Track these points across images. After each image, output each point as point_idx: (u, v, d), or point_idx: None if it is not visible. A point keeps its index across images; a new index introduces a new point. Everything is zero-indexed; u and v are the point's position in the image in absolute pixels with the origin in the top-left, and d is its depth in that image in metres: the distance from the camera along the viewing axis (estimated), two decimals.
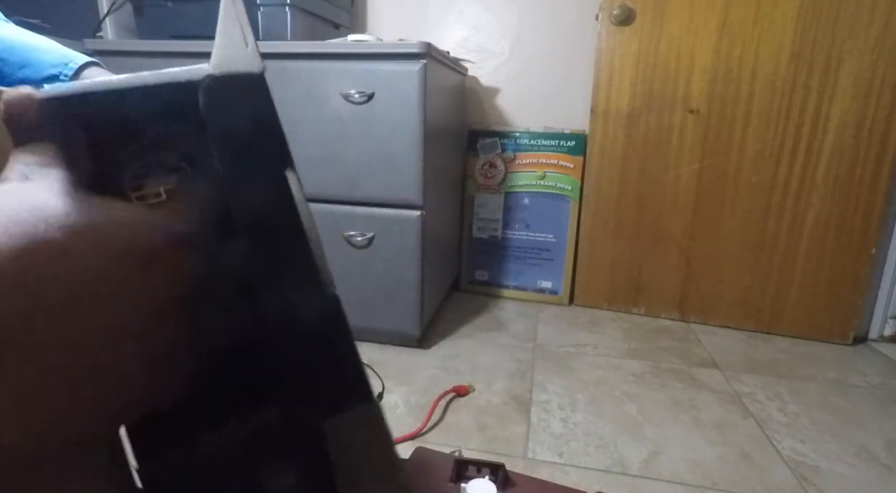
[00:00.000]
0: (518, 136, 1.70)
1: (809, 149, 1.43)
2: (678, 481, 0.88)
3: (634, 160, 1.57)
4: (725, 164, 1.50)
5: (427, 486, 0.58)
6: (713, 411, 1.11)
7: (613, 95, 1.55)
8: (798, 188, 1.46)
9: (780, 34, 1.40)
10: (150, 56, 1.26)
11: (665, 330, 1.55)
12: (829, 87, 1.39)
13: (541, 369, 1.26)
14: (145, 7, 1.37)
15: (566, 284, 1.71)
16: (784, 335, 1.53)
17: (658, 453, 0.95)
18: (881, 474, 0.92)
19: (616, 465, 0.92)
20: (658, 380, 1.23)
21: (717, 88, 1.47)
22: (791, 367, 1.34)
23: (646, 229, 1.60)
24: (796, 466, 0.93)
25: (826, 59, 1.38)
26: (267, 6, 1.29)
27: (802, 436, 1.03)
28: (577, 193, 1.66)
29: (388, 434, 0.21)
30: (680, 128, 1.52)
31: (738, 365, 1.33)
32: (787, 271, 1.50)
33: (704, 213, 1.54)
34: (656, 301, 1.63)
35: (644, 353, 1.38)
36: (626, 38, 1.51)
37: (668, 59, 1.49)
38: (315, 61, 1.18)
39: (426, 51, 1.13)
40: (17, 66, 0.50)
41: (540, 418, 1.05)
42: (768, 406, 1.13)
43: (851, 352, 1.45)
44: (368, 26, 1.75)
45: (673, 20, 1.46)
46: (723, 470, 0.91)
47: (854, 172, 1.41)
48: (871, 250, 1.43)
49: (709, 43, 1.45)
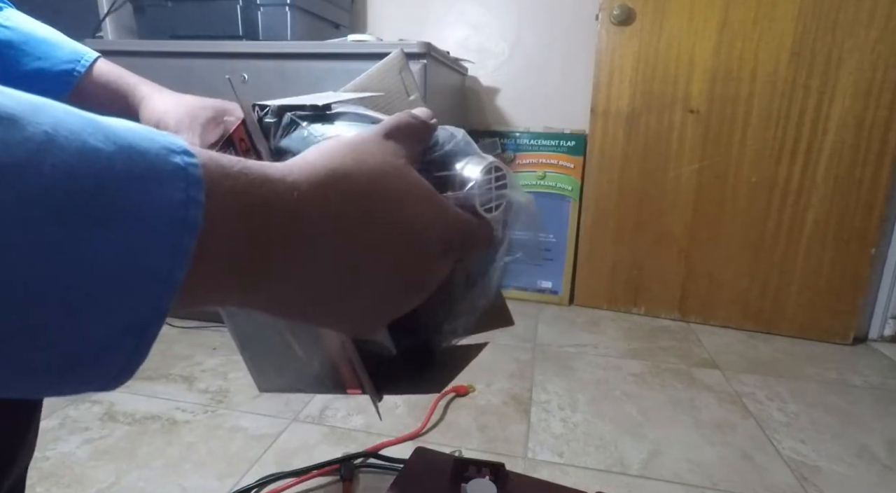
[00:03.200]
0: (518, 136, 1.70)
1: (809, 149, 1.43)
2: (678, 481, 0.88)
3: (634, 160, 1.57)
4: (725, 164, 1.50)
5: (427, 486, 0.58)
6: (713, 411, 1.11)
7: (613, 95, 1.55)
8: (798, 188, 1.46)
9: (780, 34, 1.40)
10: (151, 56, 1.26)
11: (665, 330, 1.55)
12: (829, 87, 1.39)
13: (541, 370, 1.26)
14: (145, 7, 1.37)
15: (566, 284, 1.71)
16: (784, 335, 1.53)
17: (658, 453, 0.95)
18: (881, 474, 0.92)
19: (616, 465, 0.92)
20: (658, 380, 1.23)
21: (717, 88, 1.47)
22: (791, 367, 1.34)
23: (646, 229, 1.60)
24: (796, 466, 0.93)
25: (826, 59, 1.38)
26: (267, 6, 1.29)
27: (802, 436, 1.03)
28: (577, 194, 1.66)
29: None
30: (680, 128, 1.52)
31: (738, 365, 1.33)
32: (787, 271, 1.50)
33: (704, 213, 1.54)
34: (656, 301, 1.63)
35: (644, 353, 1.38)
36: (626, 38, 1.51)
37: (668, 59, 1.49)
38: (315, 61, 1.18)
39: (426, 51, 1.13)
40: (33, 58, 0.51)
41: (540, 418, 1.05)
42: (768, 406, 1.13)
43: (851, 352, 1.45)
44: (368, 26, 1.75)
45: (673, 20, 1.46)
46: (723, 470, 0.91)
47: (854, 172, 1.41)
48: (871, 250, 1.43)
49: (709, 43, 1.45)
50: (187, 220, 0.16)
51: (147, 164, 0.15)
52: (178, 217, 0.15)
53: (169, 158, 0.16)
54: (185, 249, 0.16)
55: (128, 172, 0.15)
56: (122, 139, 0.15)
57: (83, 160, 0.14)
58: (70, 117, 0.14)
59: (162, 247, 0.15)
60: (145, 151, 0.15)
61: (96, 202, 0.14)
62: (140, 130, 0.16)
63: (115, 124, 0.16)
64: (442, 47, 1.38)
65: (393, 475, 0.79)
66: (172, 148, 0.16)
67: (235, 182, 0.18)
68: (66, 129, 0.14)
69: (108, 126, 0.15)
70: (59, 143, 0.14)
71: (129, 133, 0.16)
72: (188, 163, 0.16)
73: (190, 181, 0.16)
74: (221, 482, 0.81)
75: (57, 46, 0.53)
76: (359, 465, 0.84)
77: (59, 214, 0.13)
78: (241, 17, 1.28)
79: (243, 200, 0.18)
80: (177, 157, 0.16)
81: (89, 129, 0.15)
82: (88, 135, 0.14)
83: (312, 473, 0.81)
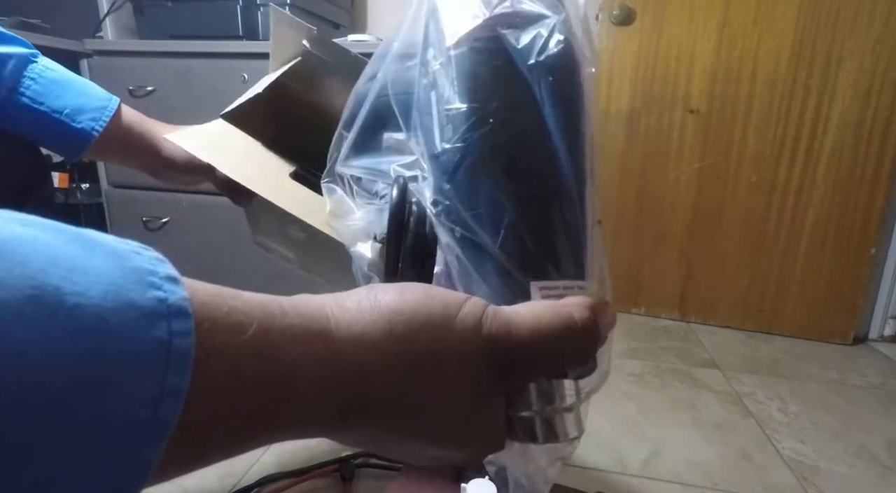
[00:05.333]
0: None
1: (809, 149, 1.43)
2: (678, 481, 0.88)
3: (634, 160, 1.57)
4: (725, 164, 1.50)
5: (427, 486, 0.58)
6: (713, 411, 1.10)
7: (613, 95, 1.55)
8: (798, 188, 1.46)
9: (780, 34, 1.40)
10: (150, 56, 1.25)
11: (665, 330, 1.55)
12: (829, 87, 1.39)
13: None
14: (145, 7, 1.37)
15: None
16: (784, 335, 1.53)
17: (658, 453, 0.95)
18: (881, 474, 0.92)
19: (616, 465, 0.92)
20: (658, 380, 1.23)
21: (717, 88, 1.47)
22: (791, 367, 1.34)
23: (646, 229, 1.60)
24: (796, 466, 0.93)
25: (826, 59, 1.38)
26: (267, 6, 1.28)
27: (802, 436, 1.02)
28: None
29: None
30: (680, 128, 1.52)
31: (738, 365, 1.33)
32: (787, 271, 1.50)
33: (704, 213, 1.54)
34: (656, 301, 1.63)
35: (644, 353, 1.38)
36: (626, 38, 1.51)
37: (668, 59, 1.49)
38: None
39: None
40: (58, 117, 0.52)
41: None
42: (768, 406, 1.13)
43: (851, 352, 1.45)
44: (368, 26, 1.75)
45: (673, 20, 1.46)
46: (723, 470, 0.91)
47: (854, 172, 1.41)
48: (871, 250, 1.43)
49: (709, 43, 1.45)
50: (157, 415, 0.13)
51: (115, 351, 0.12)
52: (143, 418, 0.12)
53: (147, 332, 0.12)
54: (146, 459, 0.13)
55: (84, 375, 0.11)
56: (82, 320, 0.11)
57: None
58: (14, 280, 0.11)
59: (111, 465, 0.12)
60: (110, 330, 0.12)
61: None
62: (110, 275, 0.13)
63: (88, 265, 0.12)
64: None
65: (393, 475, 0.79)
66: (159, 311, 0.13)
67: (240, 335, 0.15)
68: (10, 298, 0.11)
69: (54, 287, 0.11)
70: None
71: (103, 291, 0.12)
72: (175, 331, 0.13)
73: (171, 362, 0.13)
74: (221, 482, 0.81)
75: (85, 95, 0.55)
76: (359, 465, 0.84)
77: None
78: (241, 17, 1.27)
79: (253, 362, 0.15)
80: (160, 326, 0.13)
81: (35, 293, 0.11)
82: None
83: (312, 473, 0.81)
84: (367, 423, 0.18)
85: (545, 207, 0.23)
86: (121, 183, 1.36)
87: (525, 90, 0.22)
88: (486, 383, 0.20)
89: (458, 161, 0.23)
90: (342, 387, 0.17)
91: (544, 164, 0.22)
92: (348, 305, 0.19)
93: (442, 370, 0.19)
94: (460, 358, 0.19)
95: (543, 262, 0.23)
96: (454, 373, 0.19)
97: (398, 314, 0.18)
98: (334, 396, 0.17)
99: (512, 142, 0.22)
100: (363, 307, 0.19)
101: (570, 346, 0.22)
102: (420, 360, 0.18)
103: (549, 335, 0.21)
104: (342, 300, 0.19)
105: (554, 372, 0.23)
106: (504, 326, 0.20)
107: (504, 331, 0.20)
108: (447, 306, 0.20)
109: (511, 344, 0.20)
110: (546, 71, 0.22)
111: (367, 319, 0.18)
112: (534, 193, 0.23)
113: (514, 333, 0.20)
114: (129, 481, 0.12)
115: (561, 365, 0.22)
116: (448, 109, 0.23)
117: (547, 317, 0.21)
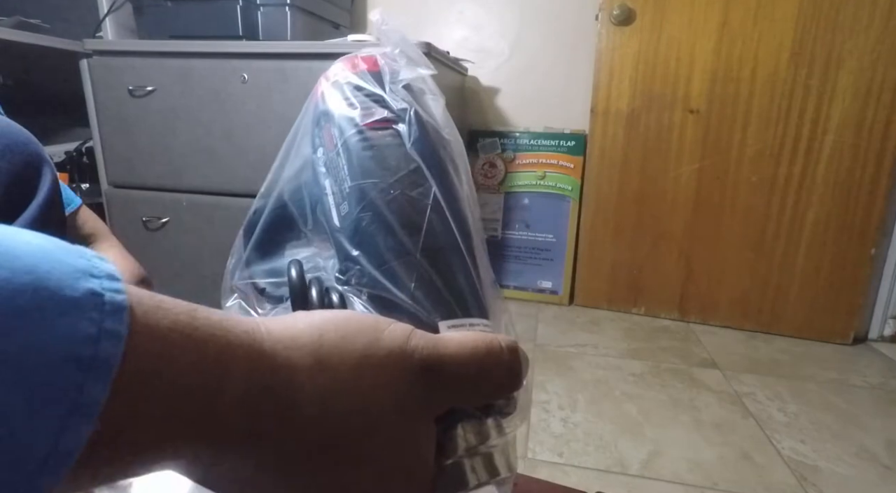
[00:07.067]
0: (518, 136, 1.70)
1: (809, 149, 1.43)
2: (678, 481, 0.88)
3: (634, 160, 1.57)
4: (725, 164, 1.50)
5: None
6: (713, 411, 1.11)
7: (613, 95, 1.55)
8: (798, 188, 1.46)
9: (780, 34, 1.40)
10: (150, 56, 1.26)
11: (665, 330, 1.55)
12: (829, 87, 1.39)
13: (541, 369, 1.26)
14: (145, 7, 1.37)
15: (566, 284, 1.71)
16: (784, 335, 1.53)
17: (658, 453, 0.95)
18: (881, 474, 0.92)
19: (616, 465, 0.92)
20: (658, 380, 1.23)
21: (717, 88, 1.47)
22: (791, 367, 1.34)
23: (646, 229, 1.60)
24: (796, 466, 0.93)
25: (826, 59, 1.38)
26: (267, 6, 1.28)
27: (802, 436, 1.03)
28: (577, 193, 1.66)
29: None
30: (680, 128, 1.52)
31: (738, 365, 1.33)
32: (787, 271, 1.50)
33: (704, 213, 1.54)
34: (656, 301, 1.63)
35: (644, 353, 1.38)
36: (626, 38, 1.51)
37: (668, 59, 1.49)
38: (315, 61, 1.18)
39: (426, 51, 1.13)
40: None
41: (540, 418, 1.05)
42: (768, 406, 1.13)
43: (851, 352, 1.45)
44: (368, 26, 1.75)
45: (673, 20, 1.46)
46: (723, 470, 0.91)
47: (854, 172, 1.41)
48: (871, 250, 1.43)
49: (709, 43, 1.45)
50: (96, 358, 0.12)
51: (48, 292, 0.12)
52: (84, 355, 0.12)
53: (80, 282, 0.13)
54: (86, 401, 0.12)
55: (9, 305, 0.11)
56: (17, 261, 0.12)
57: None
58: None
59: (52, 399, 0.12)
60: (46, 274, 0.12)
61: None
62: (52, 247, 0.13)
63: (18, 242, 0.13)
64: (442, 47, 1.38)
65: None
66: (92, 272, 0.13)
67: (176, 318, 0.15)
68: None
69: (8, 244, 0.12)
70: None
71: (33, 253, 0.12)
72: (108, 288, 0.13)
73: (106, 310, 0.13)
74: None
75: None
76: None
77: None
78: (240, 17, 1.27)
79: (192, 341, 0.15)
80: (93, 281, 0.13)
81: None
82: None
83: None
84: (291, 431, 0.17)
85: (447, 256, 0.26)
86: (121, 183, 1.36)
87: (413, 161, 0.27)
88: (414, 399, 0.20)
89: (362, 225, 0.26)
90: (271, 379, 0.17)
91: (439, 221, 0.26)
92: (280, 318, 0.20)
93: (372, 373, 0.19)
94: (390, 362, 0.19)
95: (450, 305, 0.25)
96: (384, 376, 0.19)
97: (329, 322, 0.20)
98: (264, 389, 0.17)
99: (408, 204, 0.26)
100: (296, 318, 0.20)
101: (497, 365, 0.22)
102: (352, 359, 0.19)
103: (476, 352, 0.21)
104: (274, 318, 0.20)
105: (482, 393, 0.23)
106: (431, 340, 0.21)
107: (431, 344, 0.21)
108: (377, 320, 0.21)
109: (439, 356, 0.20)
110: (419, 151, 0.27)
111: (298, 326, 0.19)
112: (437, 245, 0.26)
113: (441, 348, 0.21)
114: (75, 419, 0.12)
115: (489, 385, 0.22)
116: (343, 188, 0.27)
117: (471, 337, 0.22)
